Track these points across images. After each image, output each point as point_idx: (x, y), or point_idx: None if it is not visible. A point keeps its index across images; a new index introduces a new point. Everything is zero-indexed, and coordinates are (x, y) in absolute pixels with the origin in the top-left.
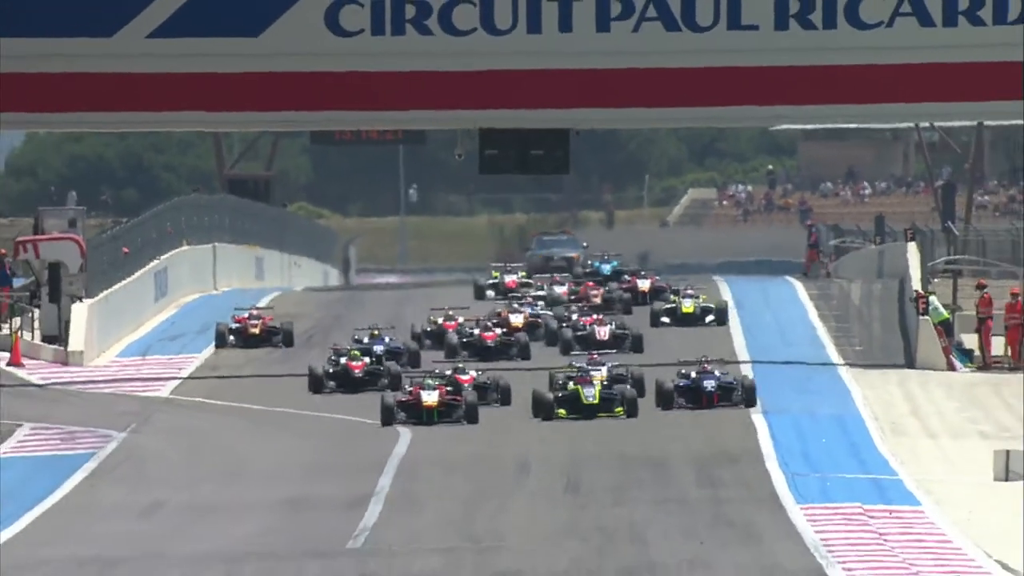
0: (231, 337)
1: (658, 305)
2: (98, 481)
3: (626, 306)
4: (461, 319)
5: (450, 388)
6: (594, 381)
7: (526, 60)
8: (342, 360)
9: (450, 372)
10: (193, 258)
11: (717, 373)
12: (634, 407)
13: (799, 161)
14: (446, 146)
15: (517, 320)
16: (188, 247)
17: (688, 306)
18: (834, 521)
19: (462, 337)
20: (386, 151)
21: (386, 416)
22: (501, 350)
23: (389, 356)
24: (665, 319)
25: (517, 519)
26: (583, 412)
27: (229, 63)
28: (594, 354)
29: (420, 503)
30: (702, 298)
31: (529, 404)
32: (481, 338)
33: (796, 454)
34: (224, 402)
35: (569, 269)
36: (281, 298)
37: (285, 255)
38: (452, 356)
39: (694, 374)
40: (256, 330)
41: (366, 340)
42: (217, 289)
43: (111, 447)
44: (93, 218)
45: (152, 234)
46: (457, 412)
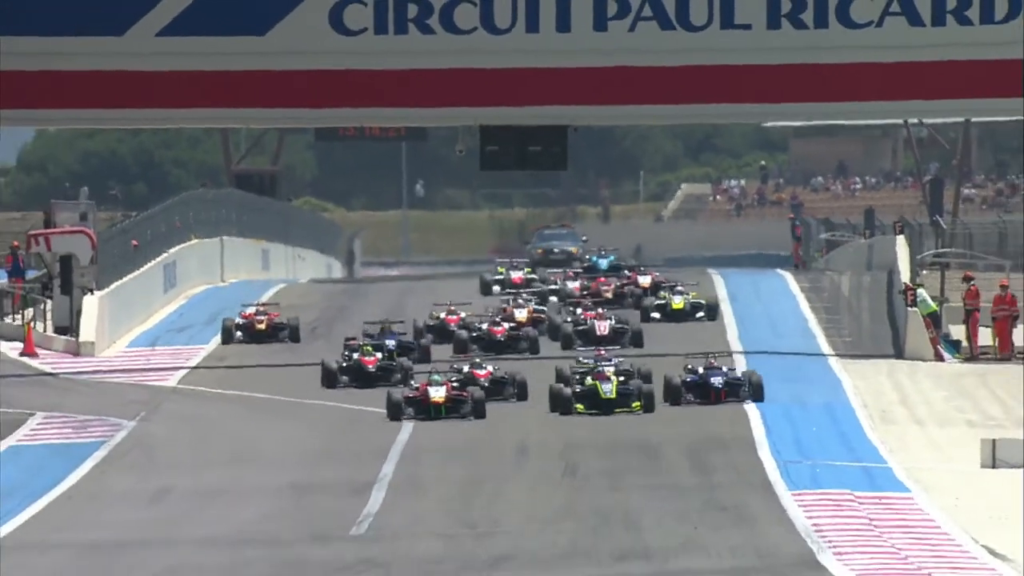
0: (238, 333)
1: (648, 301)
2: (108, 468)
3: (637, 300)
4: (463, 314)
5: (456, 384)
6: (610, 376)
7: (525, 58)
8: (355, 355)
9: (467, 368)
10: (201, 251)
11: (724, 369)
12: (651, 402)
13: (791, 157)
14: (447, 142)
15: (521, 315)
16: (196, 240)
17: (678, 302)
18: (825, 507)
19: (471, 332)
20: (389, 147)
21: (394, 412)
22: (510, 344)
23: (400, 351)
24: (655, 315)
25: (515, 504)
26: (601, 407)
27: (236, 61)
28: (601, 350)
29: (422, 489)
30: (692, 294)
31: (540, 398)
32: (490, 332)
33: (788, 442)
34: (231, 391)
35: (569, 263)
36: (286, 290)
37: (290, 248)
38: (462, 351)
39: (701, 370)
40: (262, 326)
41: (377, 335)
42: (224, 281)
43: (121, 435)
44: (103, 212)
45: (161, 227)
46: (464, 408)
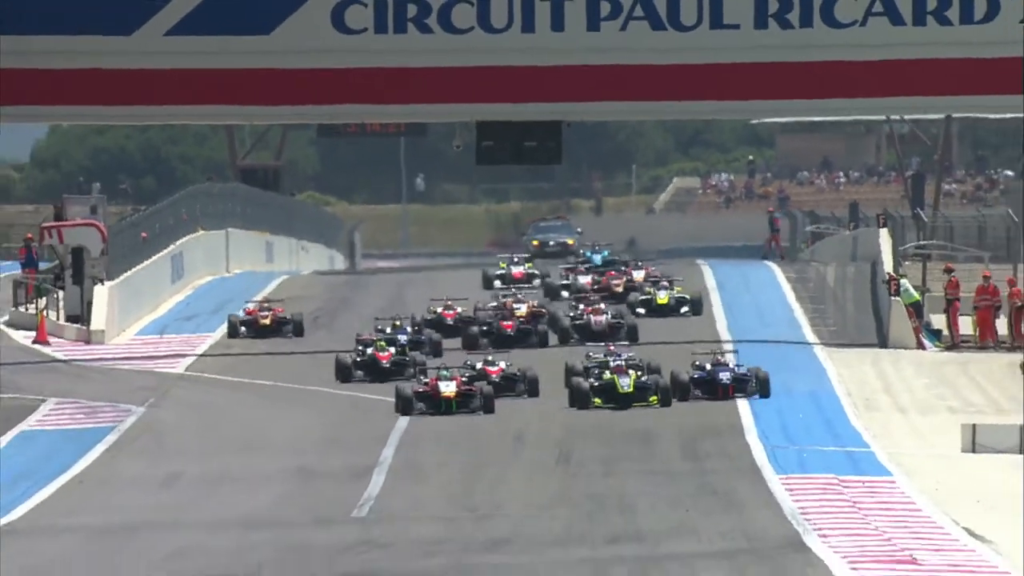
0: (242, 328)
1: (633, 296)
2: (118, 453)
3: (622, 296)
4: (460, 309)
5: (467, 379)
6: (628, 371)
7: (521, 57)
8: (369, 350)
9: (480, 364)
10: (207, 243)
11: (731, 365)
12: (667, 396)
13: (777, 152)
14: (445, 138)
15: (521, 310)
16: (202, 232)
17: (663, 297)
18: (811, 491)
19: (481, 326)
20: (389, 143)
21: (405, 406)
22: (519, 339)
23: (412, 346)
24: (640, 310)
25: (513, 489)
26: (619, 401)
27: (241, 60)
28: (611, 345)
29: (421, 474)
30: (677, 289)
31: (547, 393)
32: (500, 327)
33: (775, 428)
34: (237, 378)
35: (564, 254)
36: (290, 281)
37: (294, 240)
38: (472, 345)
39: (709, 366)
40: (267, 321)
41: (389, 330)
42: (229, 272)
43: (131, 421)
44: (113, 206)
45: (169, 220)
46: (474, 402)
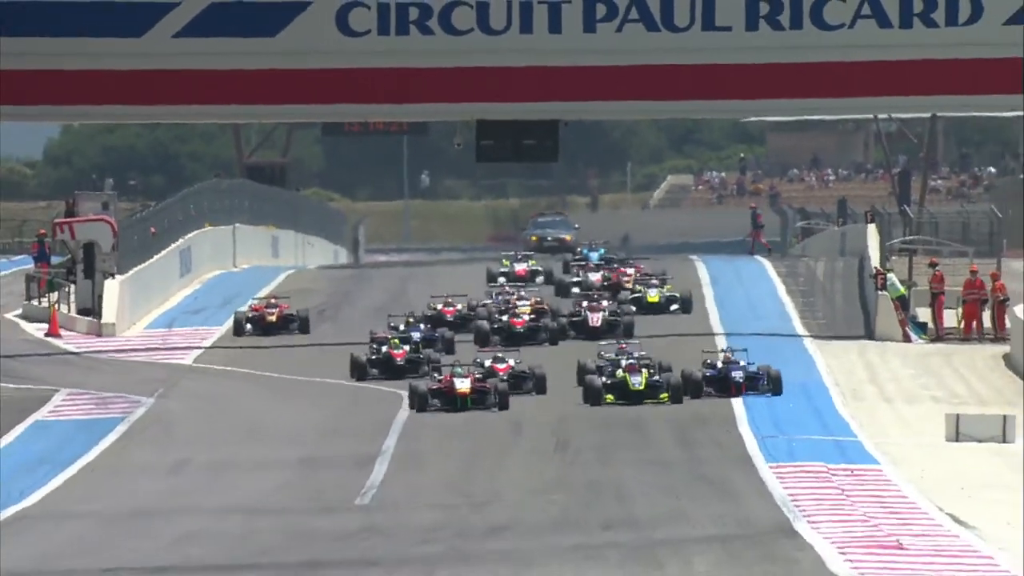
0: (248, 325)
1: (623, 295)
2: (129, 442)
3: (613, 294)
4: (460, 306)
5: (480, 375)
6: (640, 369)
7: (519, 58)
8: (383, 348)
9: (488, 362)
10: (215, 238)
11: (742, 363)
12: (679, 394)
13: (768, 149)
14: (446, 136)
15: (524, 307)
16: (210, 228)
17: (653, 295)
18: (800, 479)
19: (492, 324)
20: (391, 141)
21: (420, 403)
22: (530, 336)
23: (426, 343)
24: (631, 308)
25: (510, 476)
26: (630, 398)
27: (248, 61)
28: (623, 343)
29: (422, 463)
30: (667, 288)
31: (559, 389)
32: (511, 324)
33: (765, 418)
34: (244, 370)
35: (562, 249)
36: (295, 275)
37: (299, 235)
38: (483, 342)
39: (720, 364)
40: (273, 318)
41: (402, 327)
42: (236, 266)
43: (140, 411)
44: (124, 202)
45: (178, 216)
46: (488, 399)
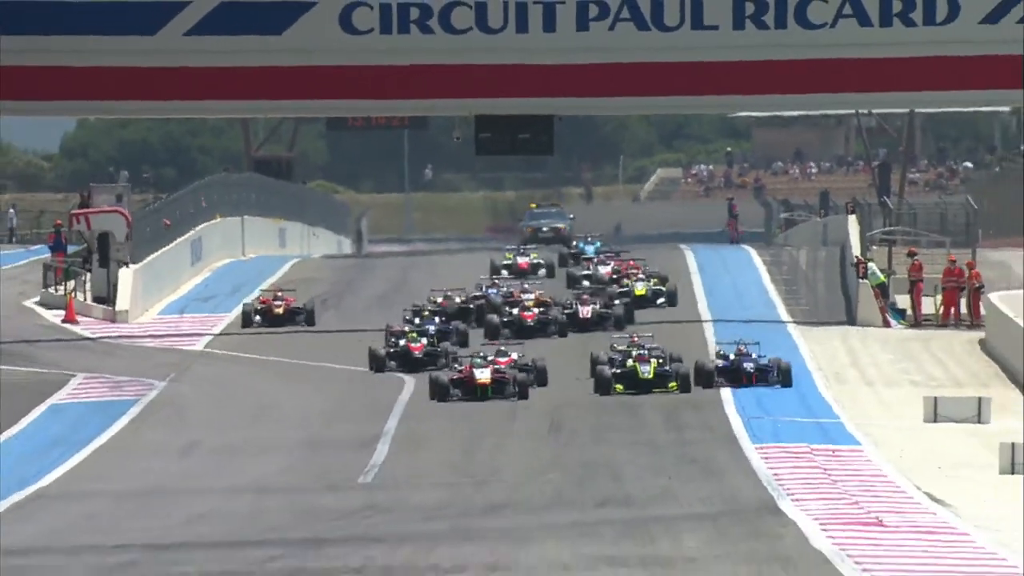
0: (256, 317)
1: (611, 288)
2: (142, 424)
3: (662, 280)
4: (459, 299)
5: (498, 366)
6: (650, 359)
7: (516, 56)
8: (401, 342)
9: (491, 356)
10: (224, 229)
11: (754, 355)
12: (687, 383)
13: (754, 144)
14: (446, 130)
15: (528, 300)
16: (220, 219)
17: (641, 289)
18: (784, 459)
19: (502, 317)
20: (393, 135)
21: (441, 393)
22: (540, 328)
23: (440, 336)
24: (616, 301)
25: (508, 457)
26: (639, 387)
27: (255, 58)
28: (635, 336)
29: (423, 443)
30: (653, 281)
31: (567, 382)
32: (521, 317)
33: (751, 400)
34: (252, 355)
35: (557, 240)
36: (301, 264)
37: (305, 226)
38: (493, 335)
39: (732, 356)
40: (280, 310)
41: (417, 321)
42: (245, 256)
43: (153, 394)
44: (137, 194)
45: (189, 208)
46: (508, 389)
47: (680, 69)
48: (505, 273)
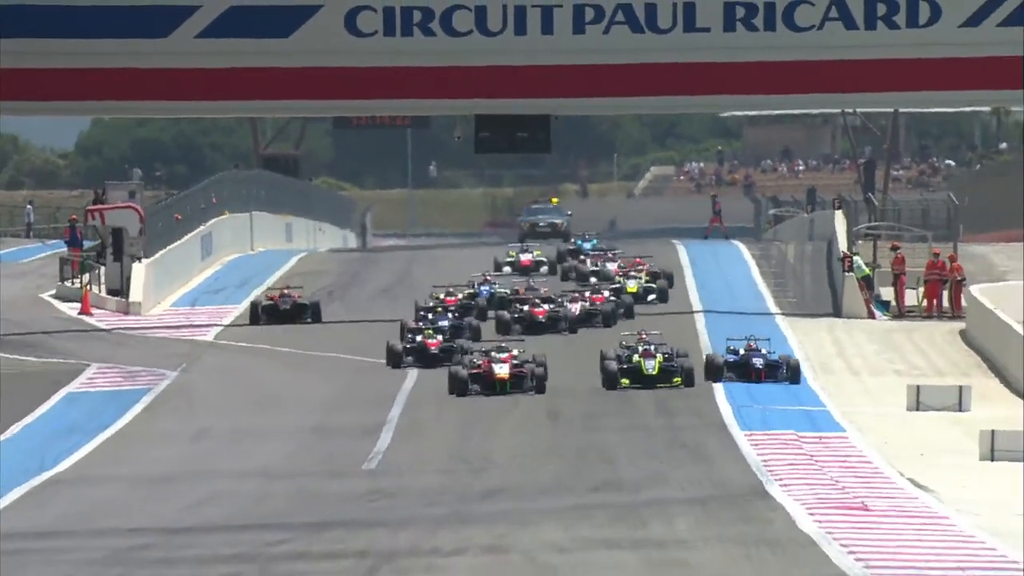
0: (264, 314)
1: (604, 285)
2: (154, 412)
3: (667, 277)
4: (460, 296)
5: (516, 361)
6: (656, 354)
7: (514, 57)
8: (418, 338)
9: (491, 351)
10: (233, 224)
11: (764, 351)
12: (691, 378)
13: (744, 142)
14: (447, 129)
15: (536, 296)
16: (229, 215)
17: (632, 286)
18: (772, 445)
19: (513, 314)
20: (396, 134)
21: (460, 388)
22: (551, 324)
23: (455, 332)
24: (605, 294)
25: (506, 444)
26: (644, 382)
27: (264, 59)
28: (642, 332)
29: (425, 431)
30: (644, 278)
31: (573, 377)
32: (532, 314)
33: (740, 389)
34: (260, 345)
35: (555, 235)
36: (307, 258)
37: (311, 221)
38: (505, 331)
39: (742, 351)
40: (287, 307)
41: (430, 317)
42: (253, 250)
43: (165, 383)
44: (150, 190)
45: (199, 204)
46: (526, 383)
47: (673, 70)
48: (508, 270)
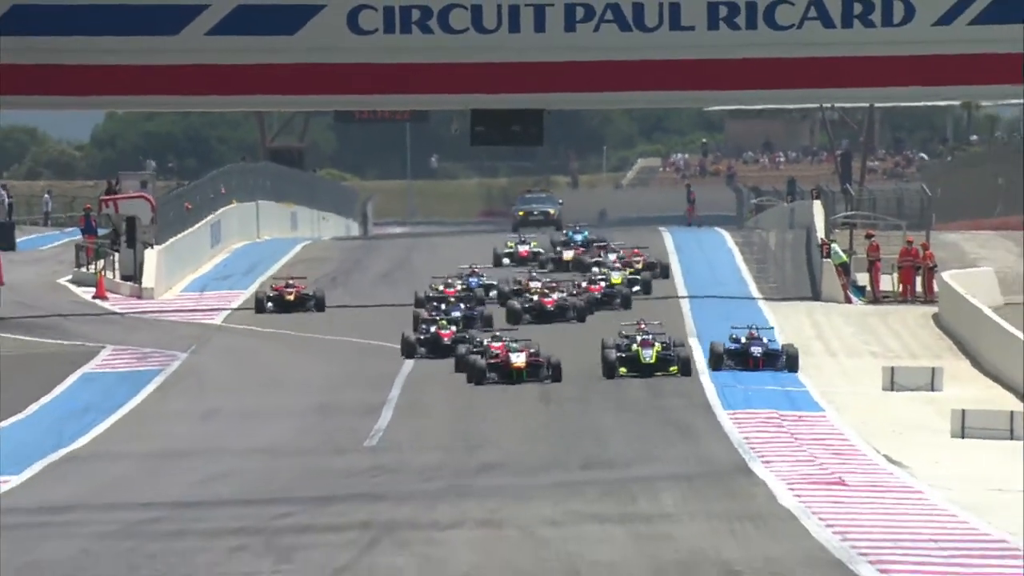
0: (269, 304)
1: (588, 274)
2: (166, 392)
3: (663, 268)
4: (459, 286)
5: (533, 350)
6: (654, 343)
7: (508, 54)
8: (432, 329)
9: (488, 340)
10: (241, 213)
11: (764, 340)
12: (687, 367)
13: (726, 135)
14: (444, 123)
15: (535, 286)
16: (237, 204)
17: (617, 277)
18: (755, 424)
19: (523, 303)
20: (396, 127)
21: (477, 376)
22: (559, 314)
23: (466, 322)
24: (585, 283)
25: (501, 423)
26: (642, 371)
27: (270, 56)
28: (642, 322)
29: (424, 410)
30: (628, 271)
31: (578, 364)
32: (541, 303)
33: (724, 371)
34: (266, 328)
35: (547, 223)
36: (311, 246)
37: (315, 211)
38: (515, 320)
39: (743, 339)
40: (291, 297)
41: (443, 306)
42: (260, 238)
43: (176, 365)
44: (161, 181)
45: (208, 194)
46: (542, 372)
47: (659, 67)
48: (507, 261)
